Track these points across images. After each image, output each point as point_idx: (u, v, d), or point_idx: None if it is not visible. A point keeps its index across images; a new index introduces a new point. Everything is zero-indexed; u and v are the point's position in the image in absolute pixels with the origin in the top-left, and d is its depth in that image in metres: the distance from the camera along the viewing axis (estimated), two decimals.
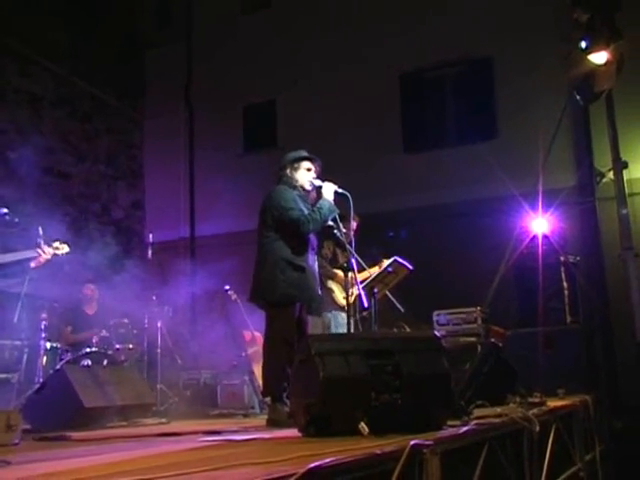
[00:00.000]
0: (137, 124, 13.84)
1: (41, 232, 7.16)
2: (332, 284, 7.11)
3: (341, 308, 7.10)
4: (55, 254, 6.69)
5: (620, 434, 7.91)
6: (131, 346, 8.25)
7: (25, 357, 7.35)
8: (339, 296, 7.11)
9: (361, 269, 6.39)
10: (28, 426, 5.12)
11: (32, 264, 6.55)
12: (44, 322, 7.52)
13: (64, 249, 6.78)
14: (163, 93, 13.78)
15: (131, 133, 13.70)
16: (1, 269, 6.37)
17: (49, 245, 6.66)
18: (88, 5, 12.38)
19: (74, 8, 12.14)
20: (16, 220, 6.68)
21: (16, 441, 3.94)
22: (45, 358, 7.43)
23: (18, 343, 7.48)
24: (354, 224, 6.32)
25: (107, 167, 12.93)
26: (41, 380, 6.84)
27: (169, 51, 13.93)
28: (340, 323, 7.02)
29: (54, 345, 7.68)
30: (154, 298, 9.10)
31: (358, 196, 5.46)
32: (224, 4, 13.69)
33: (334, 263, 7.19)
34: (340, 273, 7.02)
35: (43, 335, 7.46)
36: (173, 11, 14.26)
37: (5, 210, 6.43)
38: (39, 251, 6.55)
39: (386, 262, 6.95)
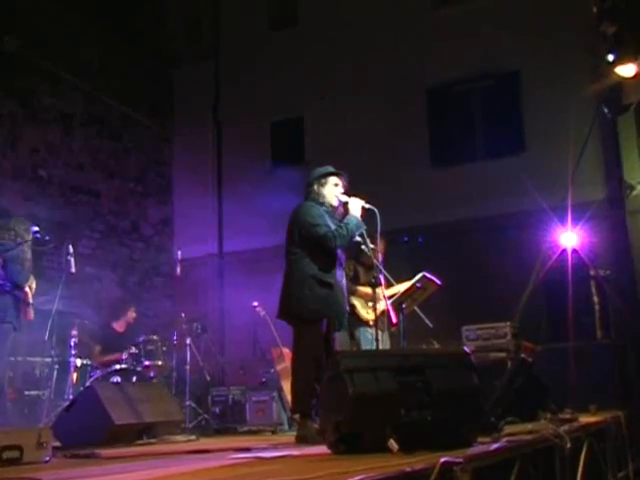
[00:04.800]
0: (166, 141, 13.95)
1: (71, 250, 7.24)
2: (354, 299, 7.07)
3: (365, 323, 7.07)
4: None
5: None
6: (160, 363, 8.23)
7: (55, 374, 7.39)
8: (361, 311, 7.08)
9: (389, 285, 6.36)
10: (58, 443, 5.14)
11: None
12: (74, 339, 7.57)
13: None
14: (192, 110, 13.90)
15: (160, 150, 13.80)
16: None
17: None
18: (117, 24, 12.55)
19: (104, 27, 12.32)
20: (47, 238, 6.74)
21: (47, 458, 3.95)
22: (75, 375, 7.47)
23: (48, 360, 7.55)
24: (381, 246, 6.25)
25: (136, 184, 13.04)
26: (71, 397, 6.88)
27: (197, 69, 14.05)
28: (369, 339, 6.98)
29: (84, 362, 7.70)
30: (183, 315, 9.16)
31: (385, 211, 5.45)
32: (252, 22, 13.80)
33: (355, 281, 7.16)
34: (361, 288, 6.99)
35: (73, 352, 7.51)
36: (201, 29, 14.41)
37: (36, 228, 6.46)
38: None
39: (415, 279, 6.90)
